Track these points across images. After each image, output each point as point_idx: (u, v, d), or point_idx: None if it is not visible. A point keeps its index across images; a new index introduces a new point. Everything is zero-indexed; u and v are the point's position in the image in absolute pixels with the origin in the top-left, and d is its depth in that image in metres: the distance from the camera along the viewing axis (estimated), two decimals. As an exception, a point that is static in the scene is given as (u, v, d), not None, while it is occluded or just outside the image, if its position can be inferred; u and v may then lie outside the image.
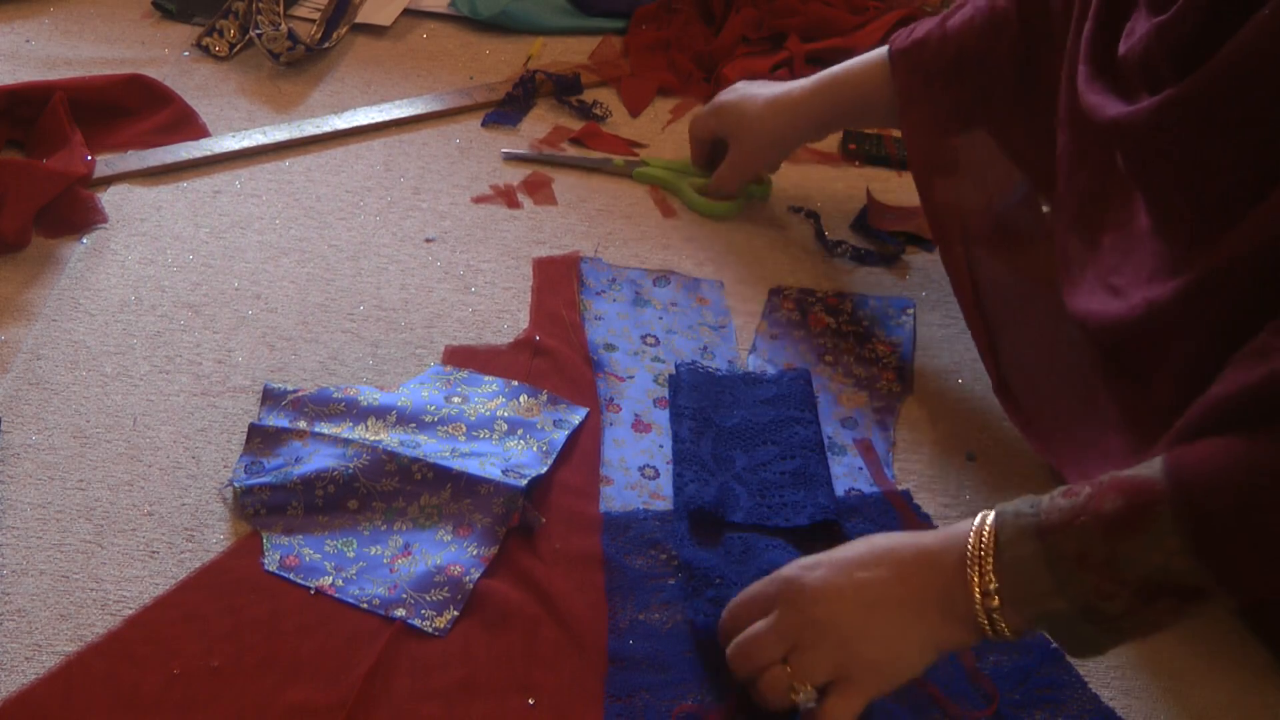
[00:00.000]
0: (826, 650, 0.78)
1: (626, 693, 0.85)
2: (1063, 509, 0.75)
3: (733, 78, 1.43)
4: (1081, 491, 0.76)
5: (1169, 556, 0.72)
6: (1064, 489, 0.77)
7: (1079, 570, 0.74)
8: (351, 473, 0.95)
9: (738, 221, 1.28)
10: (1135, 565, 0.73)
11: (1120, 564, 0.73)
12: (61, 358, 1.06)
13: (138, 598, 0.88)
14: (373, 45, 1.52)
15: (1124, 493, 0.74)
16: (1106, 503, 0.74)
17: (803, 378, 1.07)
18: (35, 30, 1.50)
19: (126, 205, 1.23)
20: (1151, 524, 0.72)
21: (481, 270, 1.19)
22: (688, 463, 0.99)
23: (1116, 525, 0.73)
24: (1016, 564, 0.75)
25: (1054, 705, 0.85)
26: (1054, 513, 0.75)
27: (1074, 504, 0.75)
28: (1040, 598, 0.75)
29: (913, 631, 0.78)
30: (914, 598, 0.78)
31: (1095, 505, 0.74)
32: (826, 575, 0.80)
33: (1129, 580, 0.73)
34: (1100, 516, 0.74)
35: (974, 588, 0.76)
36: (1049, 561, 0.75)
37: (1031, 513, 0.76)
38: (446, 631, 0.87)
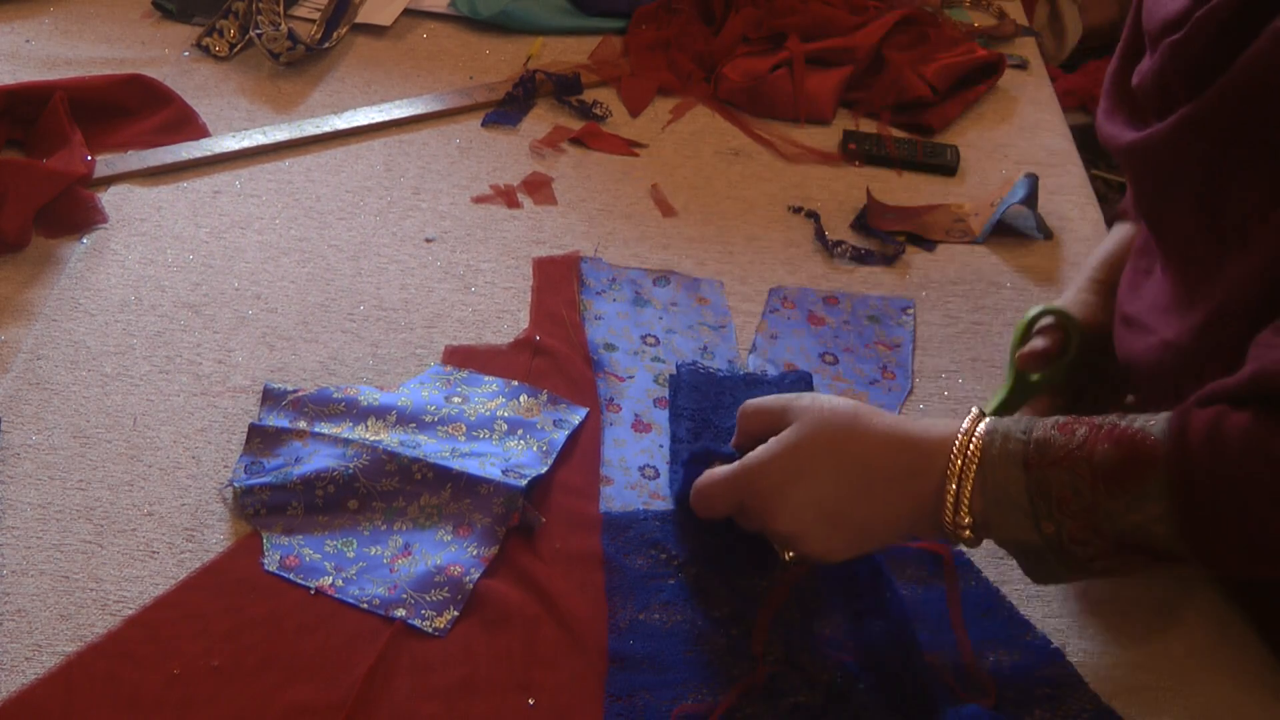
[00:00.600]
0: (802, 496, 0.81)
1: (626, 693, 0.85)
2: (1056, 444, 0.75)
3: (733, 78, 1.43)
4: (1077, 430, 0.75)
5: (1150, 520, 0.73)
6: (1059, 420, 0.76)
7: (1057, 511, 0.74)
8: (351, 473, 0.95)
9: (738, 221, 1.28)
10: (1114, 519, 0.73)
11: (1099, 515, 0.73)
12: (61, 358, 1.06)
13: (138, 598, 0.88)
14: (373, 45, 1.52)
15: (1120, 444, 0.73)
16: (1099, 450, 0.74)
17: (803, 380, 1.07)
18: (35, 30, 1.50)
19: (126, 205, 1.23)
20: (1140, 484, 0.73)
21: (481, 270, 1.19)
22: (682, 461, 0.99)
23: (1104, 477, 0.73)
24: (996, 488, 0.76)
25: (1054, 704, 0.85)
26: (1045, 446, 0.75)
27: (1067, 442, 0.75)
28: (1013, 527, 0.76)
29: (883, 509, 0.81)
30: (892, 479, 0.80)
31: (1088, 450, 0.74)
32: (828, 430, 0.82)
33: (1105, 532, 0.74)
34: (1091, 464, 0.73)
35: (948, 496, 0.77)
36: (1029, 495, 0.75)
37: (1021, 438, 0.76)
38: (446, 631, 0.87)
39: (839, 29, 1.48)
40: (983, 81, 1.48)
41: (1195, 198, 0.82)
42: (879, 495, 0.81)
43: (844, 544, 0.83)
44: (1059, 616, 0.92)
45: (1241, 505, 0.72)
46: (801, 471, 0.82)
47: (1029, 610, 0.92)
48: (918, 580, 0.92)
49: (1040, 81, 1.54)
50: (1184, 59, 0.81)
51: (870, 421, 0.82)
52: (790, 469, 0.82)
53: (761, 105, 1.43)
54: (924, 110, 1.43)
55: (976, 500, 0.77)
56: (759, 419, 0.87)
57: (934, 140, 1.41)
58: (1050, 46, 2.10)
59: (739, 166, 1.36)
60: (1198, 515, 0.72)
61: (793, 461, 0.82)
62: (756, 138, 1.40)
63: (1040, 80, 1.54)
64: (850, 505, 0.81)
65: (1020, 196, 1.27)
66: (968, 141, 1.41)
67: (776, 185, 1.33)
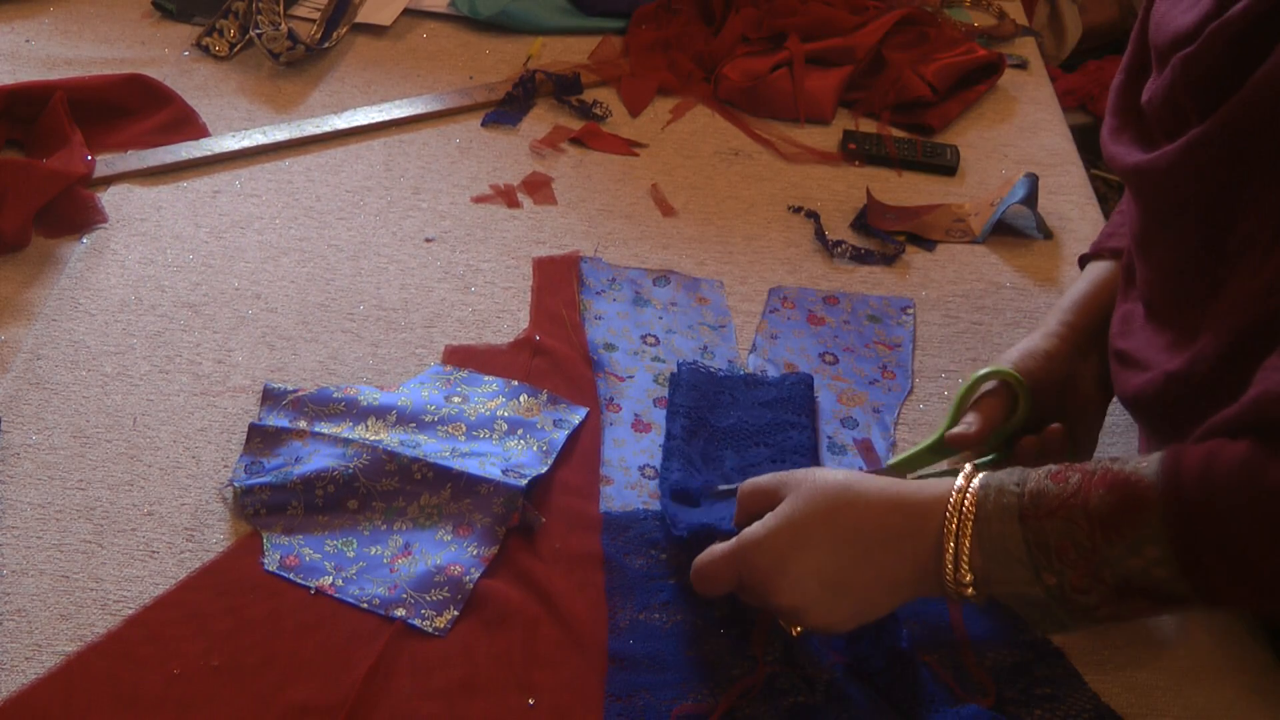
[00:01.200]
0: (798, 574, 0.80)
1: (626, 693, 0.85)
2: (1050, 495, 0.74)
3: (733, 78, 1.43)
4: (1070, 478, 0.75)
5: (1150, 564, 0.72)
6: (1051, 470, 0.76)
7: (1057, 562, 0.73)
8: (351, 472, 0.95)
9: (737, 222, 1.28)
10: (1114, 565, 0.73)
11: (1099, 562, 0.73)
12: (61, 358, 1.06)
13: (138, 598, 0.88)
14: (373, 45, 1.52)
15: (1114, 489, 0.73)
16: (1094, 497, 0.73)
17: (804, 382, 1.07)
18: (35, 30, 1.50)
19: (126, 205, 1.23)
20: (1137, 528, 0.72)
21: (481, 270, 1.19)
22: (675, 457, 0.99)
23: (1101, 524, 0.72)
24: (994, 542, 0.75)
25: (1053, 704, 0.85)
26: (1039, 498, 0.75)
27: (1061, 491, 0.74)
28: (1015, 581, 0.75)
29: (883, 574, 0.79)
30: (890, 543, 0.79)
31: (1083, 498, 0.73)
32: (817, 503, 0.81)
33: (1106, 579, 0.73)
34: (1087, 511, 0.73)
35: (947, 556, 0.77)
36: (1028, 547, 0.74)
37: (1015, 490, 0.76)
38: (446, 631, 0.87)
39: (839, 29, 1.48)
40: (983, 81, 1.48)
41: (1200, 220, 0.80)
42: (878, 560, 0.79)
43: (848, 613, 0.81)
44: (1059, 616, 0.92)
45: (1239, 539, 0.70)
46: (799, 544, 0.80)
47: (1029, 610, 0.92)
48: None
49: (1040, 81, 1.54)
50: (1195, 73, 0.80)
51: (863, 488, 0.81)
52: (788, 542, 0.80)
53: (761, 105, 1.43)
54: (924, 110, 1.43)
55: (976, 556, 0.76)
56: (757, 499, 0.85)
57: (934, 140, 1.41)
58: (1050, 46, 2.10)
59: (739, 166, 1.36)
60: (1196, 554, 0.71)
61: (790, 534, 0.81)
62: (756, 138, 1.40)
63: (1040, 80, 1.54)
64: (850, 573, 0.80)
65: (1020, 196, 1.27)
66: (968, 141, 1.41)
67: (776, 185, 1.33)
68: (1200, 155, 0.79)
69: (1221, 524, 0.70)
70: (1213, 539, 0.71)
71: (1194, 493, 0.71)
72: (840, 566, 0.80)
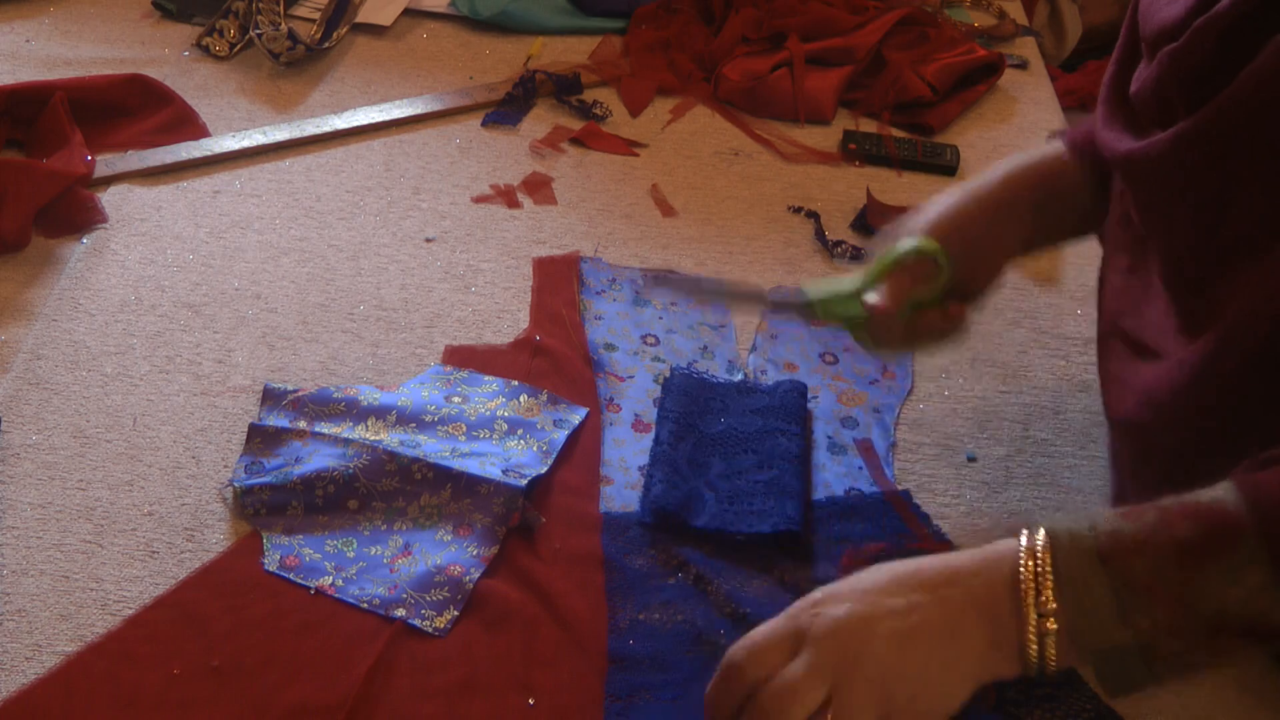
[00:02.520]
0: (869, 691, 0.70)
1: (626, 693, 0.85)
2: (1129, 533, 0.69)
3: (733, 78, 1.43)
4: (1145, 515, 0.70)
5: (1252, 592, 0.68)
6: (1120, 511, 0.71)
7: (1148, 601, 0.68)
8: (351, 473, 0.95)
9: (737, 222, 1.28)
10: (1211, 599, 0.68)
11: (1195, 596, 0.68)
12: (61, 358, 1.06)
13: (138, 598, 0.88)
14: (373, 45, 1.52)
15: (1198, 519, 0.69)
16: (1179, 529, 0.69)
17: (797, 390, 1.06)
18: (35, 30, 1.50)
19: (126, 205, 1.23)
20: (1232, 554, 0.68)
21: (481, 270, 1.19)
22: (660, 465, 0.99)
23: (1193, 554, 0.68)
24: (1078, 589, 0.69)
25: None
26: (1118, 537, 0.70)
27: (1141, 527, 0.70)
28: (1102, 628, 0.69)
29: (954, 662, 0.71)
30: (954, 624, 0.71)
31: (1166, 531, 0.69)
32: (855, 608, 0.72)
33: (1203, 613, 0.68)
34: (1175, 542, 0.68)
35: (1029, 612, 0.70)
36: (1114, 589, 0.69)
37: (1090, 535, 0.70)
38: (446, 631, 0.87)
39: (839, 29, 1.48)
40: (983, 81, 1.48)
41: (1194, 214, 0.80)
42: (937, 654, 0.71)
43: None
44: (1059, 616, 0.92)
45: None
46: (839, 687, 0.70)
47: (1029, 610, 0.91)
48: None
49: (1040, 81, 1.54)
50: (1182, 69, 0.79)
51: (894, 571, 0.73)
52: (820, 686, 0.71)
53: (761, 105, 1.43)
54: (924, 110, 1.43)
55: (1060, 603, 0.69)
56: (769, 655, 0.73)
57: (934, 140, 1.41)
58: (1050, 46, 2.10)
59: (739, 166, 1.36)
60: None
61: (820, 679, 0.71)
62: (756, 138, 1.40)
63: (1040, 80, 1.54)
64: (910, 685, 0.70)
65: (1020, 196, 1.26)
66: (968, 141, 1.41)
67: (776, 185, 1.33)
68: (1188, 150, 0.79)
69: None
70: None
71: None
72: (892, 689, 0.70)
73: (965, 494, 1.00)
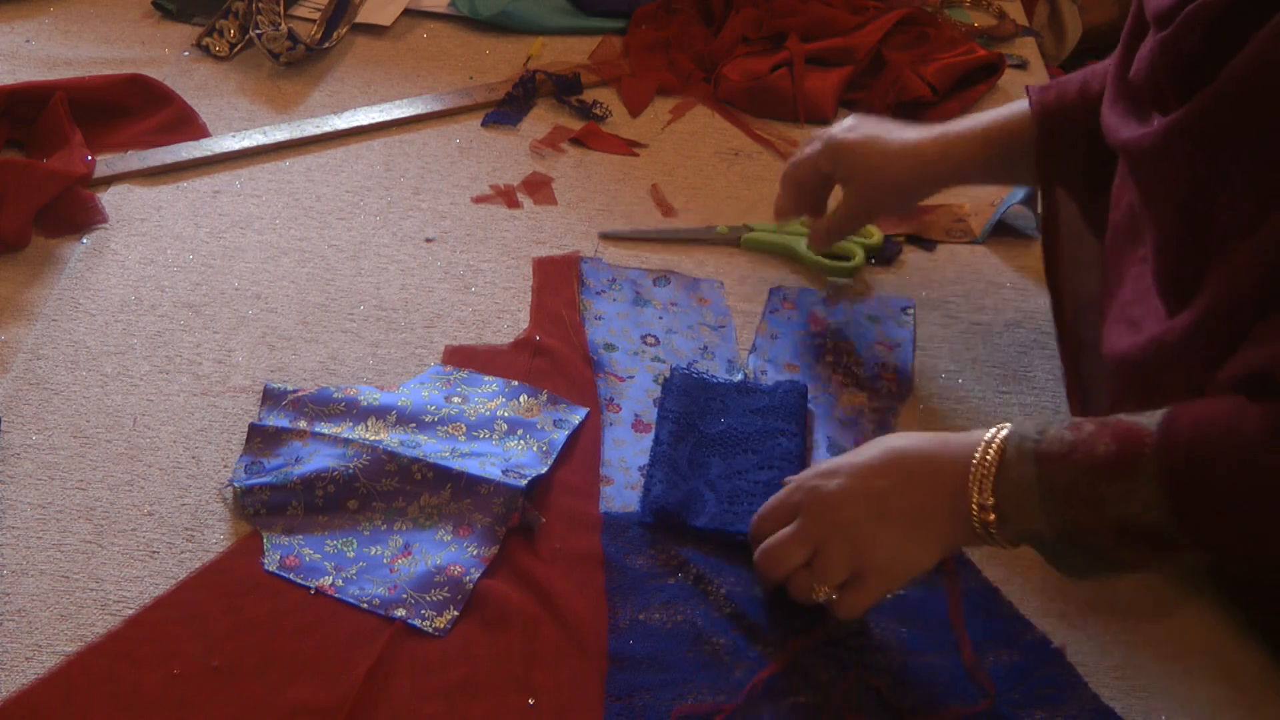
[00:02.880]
0: (842, 554, 0.85)
1: (626, 693, 0.85)
2: (1063, 442, 0.79)
3: (733, 78, 1.43)
4: (1084, 429, 0.79)
5: (1146, 508, 0.76)
6: (1071, 421, 0.81)
7: (1065, 503, 0.78)
8: (351, 473, 0.95)
9: (737, 222, 1.28)
10: (1115, 507, 0.77)
11: (1103, 504, 0.77)
12: (61, 358, 1.06)
13: (138, 598, 0.88)
14: (373, 45, 1.52)
15: (1118, 437, 0.78)
16: (1100, 444, 0.78)
17: (797, 390, 1.06)
18: (35, 30, 1.50)
19: (126, 205, 1.23)
20: (1135, 473, 0.76)
21: (481, 270, 1.19)
22: (660, 465, 0.99)
23: (1103, 468, 0.77)
24: (1013, 485, 0.80)
25: (1053, 705, 0.85)
26: (1055, 444, 0.79)
27: (1074, 439, 0.79)
28: (1028, 518, 0.80)
29: (920, 535, 0.84)
30: (922, 505, 0.84)
31: (1090, 445, 0.78)
32: (844, 483, 0.86)
33: (1109, 519, 0.78)
34: (1092, 457, 0.78)
35: (973, 501, 0.81)
36: (1041, 489, 0.79)
37: (1035, 438, 0.80)
38: (446, 631, 0.87)
39: (839, 29, 1.48)
40: (983, 81, 1.48)
41: (1182, 205, 0.81)
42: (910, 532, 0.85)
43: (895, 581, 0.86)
44: (1059, 616, 0.92)
45: (1224, 490, 0.75)
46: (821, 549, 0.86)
47: (1029, 610, 0.92)
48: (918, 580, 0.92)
49: (1040, 81, 1.53)
50: (1173, 58, 0.80)
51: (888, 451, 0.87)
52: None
53: (761, 105, 1.43)
54: (924, 110, 1.43)
55: (996, 498, 0.81)
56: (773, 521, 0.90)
57: (934, 140, 1.41)
58: (1050, 46, 2.10)
59: (739, 166, 1.36)
60: (1186, 502, 0.75)
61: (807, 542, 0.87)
62: (756, 138, 1.40)
63: (1040, 80, 1.54)
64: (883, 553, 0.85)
65: (1020, 197, 1.26)
66: (968, 141, 1.41)
67: (776, 185, 1.33)
68: (1177, 142, 0.80)
69: (1208, 475, 0.75)
70: (1200, 489, 0.75)
71: (1184, 443, 0.75)
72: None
73: (965, 494, 1.00)
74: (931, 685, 0.86)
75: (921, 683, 0.86)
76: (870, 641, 0.88)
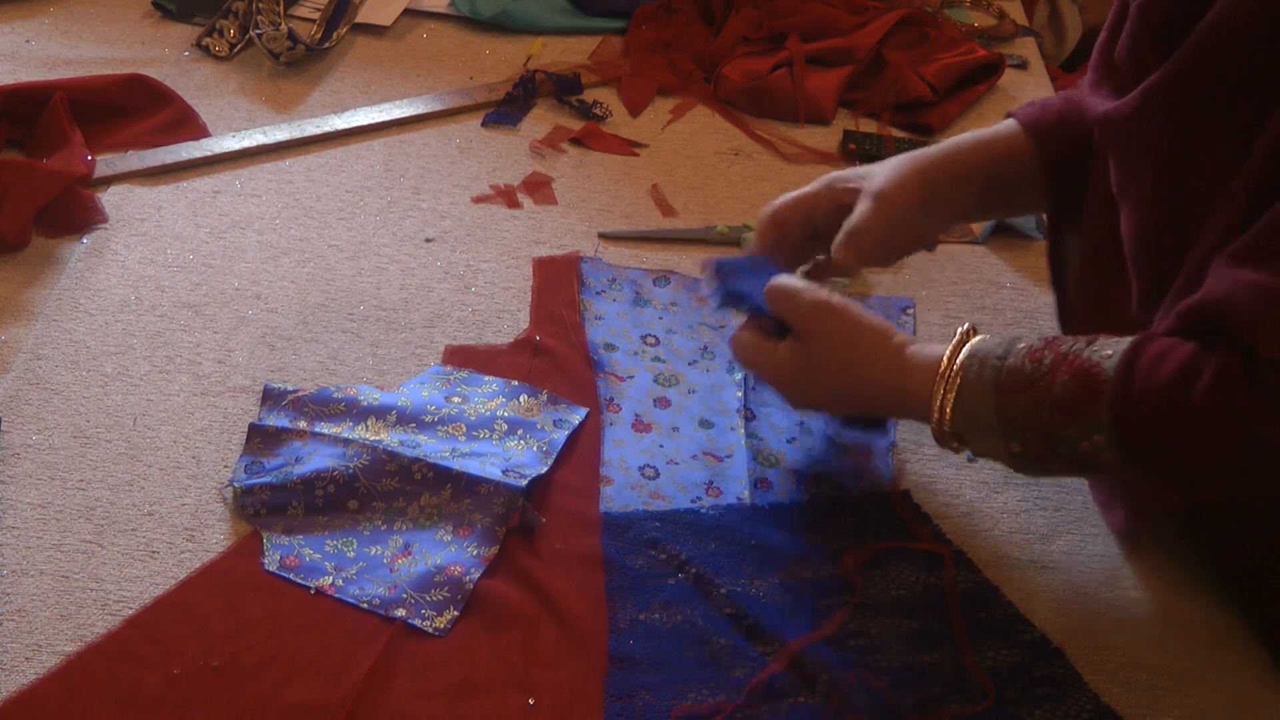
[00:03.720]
0: None
1: (626, 693, 0.85)
2: (1025, 373, 0.82)
3: (733, 78, 1.43)
4: (1044, 360, 0.81)
5: (1097, 449, 0.80)
6: (1031, 349, 0.83)
7: (1022, 433, 0.82)
8: (352, 473, 0.95)
9: (737, 222, 1.28)
10: (1068, 444, 0.81)
11: (1056, 440, 0.81)
12: (61, 358, 1.06)
13: (138, 598, 0.88)
14: (373, 45, 1.52)
15: (1076, 376, 0.80)
16: (1058, 383, 0.80)
17: None
18: (35, 30, 1.50)
19: (126, 205, 1.23)
20: (1088, 416, 0.79)
21: (481, 270, 1.19)
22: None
23: (1060, 408, 0.80)
24: (971, 411, 0.85)
25: (1054, 704, 0.85)
26: (1014, 375, 0.82)
27: (1034, 372, 0.81)
28: (987, 445, 0.85)
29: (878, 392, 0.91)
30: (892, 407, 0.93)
31: (1049, 381, 0.81)
32: None
33: (1063, 454, 0.81)
34: (1050, 395, 0.80)
35: (934, 410, 0.87)
36: (999, 419, 0.83)
37: (996, 364, 0.83)
38: (446, 631, 0.87)
39: (839, 29, 1.48)
40: (983, 81, 1.48)
41: (1160, 170, 0.82)
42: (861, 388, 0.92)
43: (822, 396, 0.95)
44: (1059, 616, 0.92)
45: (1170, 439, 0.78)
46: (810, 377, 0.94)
47: (1029, 610, 0.92)
48: (917, 580, 0.93)
49: (1040, 81, 1.53)
50: (1151, 21, 0.81)
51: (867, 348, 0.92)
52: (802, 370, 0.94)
53: (761, 105, 1.43)
54: (924, 110, 1.43)
55: (956, 419, 0.86)
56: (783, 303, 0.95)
57: (934, 140, 1.41)
58: (1050, 46, 2.10)
59: (739, 166, 1.36)
60: (1135, 447, 0.79)
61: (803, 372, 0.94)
62: (756, 138, 1.40)
63: (1040, 80, 1.54)
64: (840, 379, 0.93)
65: (1020, 196, 1.26)
66: (968, 141, 1.41)
67: (776, 185, 1.33)
68: (1155, 104, 0.81)
69: (1157, 430, 0.78)
70: (1149, 436, 0.78)
71: (1138, 394, 0.78)
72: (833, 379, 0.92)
73: (965, 494, 1.00)
74: (931, 685, 0.86)
75: (921, 683, 0.86)
76: (870, 641, 0.88)
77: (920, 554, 0.94)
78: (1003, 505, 1.00)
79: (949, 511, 0.99)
